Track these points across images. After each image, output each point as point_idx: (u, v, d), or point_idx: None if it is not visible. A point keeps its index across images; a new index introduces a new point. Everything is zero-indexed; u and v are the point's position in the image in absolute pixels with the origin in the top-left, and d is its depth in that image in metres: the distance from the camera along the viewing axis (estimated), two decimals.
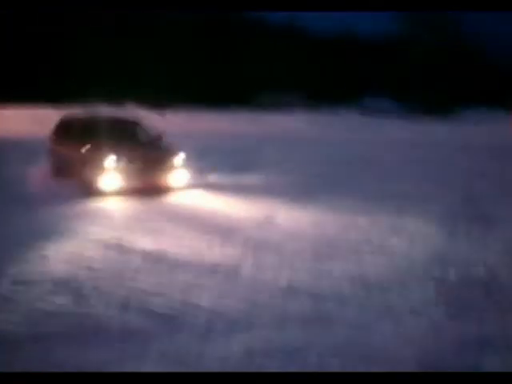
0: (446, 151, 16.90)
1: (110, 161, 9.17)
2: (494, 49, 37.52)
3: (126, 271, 5.40)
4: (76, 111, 13.16)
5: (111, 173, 9.14)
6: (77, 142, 10.13)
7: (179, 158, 9.78)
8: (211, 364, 3.63)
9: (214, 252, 6.07)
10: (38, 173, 11.20)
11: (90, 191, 9.21)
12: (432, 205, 8.53)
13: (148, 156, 9.62)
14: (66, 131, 11.14)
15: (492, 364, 3.62)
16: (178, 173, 9.73)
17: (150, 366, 3.60)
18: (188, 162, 9.96)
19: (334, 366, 3.59)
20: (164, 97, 28.76)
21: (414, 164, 13.84)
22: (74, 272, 5.34)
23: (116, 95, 26.73)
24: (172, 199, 9.21)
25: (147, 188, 9.32)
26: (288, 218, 7.72)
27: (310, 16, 37.79)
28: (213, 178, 11.04)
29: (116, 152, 9.31)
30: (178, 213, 8.18)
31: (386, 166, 13.64)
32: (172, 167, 9.68)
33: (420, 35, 37.80)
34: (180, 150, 9.92)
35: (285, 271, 5.47)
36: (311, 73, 35.78)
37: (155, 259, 5.77)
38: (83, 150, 9.64)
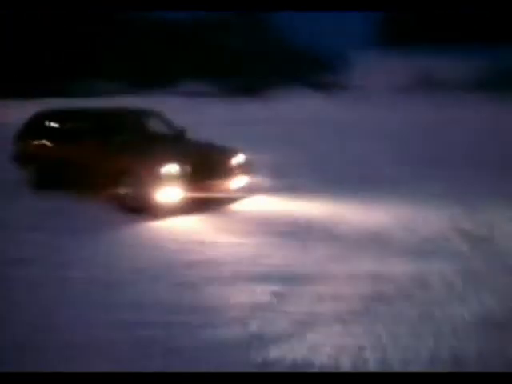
0: (260, 127, 18.45)
1: (170, 169, 7.15)
2: (302, 33, 42.99)
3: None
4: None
5: (171, 184, 7.14)
6: (87, 144, 7.83)
7: (239, 160, 8.04)
8: None
9: None
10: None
11: (141, 209, 7.15)
12: None
13: (207, 158, 7.71)
14: (55, 129, 8.60)
15: None
16: (239, 177, 8.00)
17: None
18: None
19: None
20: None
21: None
22: None
23: None
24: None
25: (207, 198, 7.50)
26: None
27: None
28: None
29: (171, 157, 7.32)
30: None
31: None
32: (232, 171, 7.91)
33: (230, 19, 40.10)
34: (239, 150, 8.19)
35: None
36: (126, 57, 34.87)
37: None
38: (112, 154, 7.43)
